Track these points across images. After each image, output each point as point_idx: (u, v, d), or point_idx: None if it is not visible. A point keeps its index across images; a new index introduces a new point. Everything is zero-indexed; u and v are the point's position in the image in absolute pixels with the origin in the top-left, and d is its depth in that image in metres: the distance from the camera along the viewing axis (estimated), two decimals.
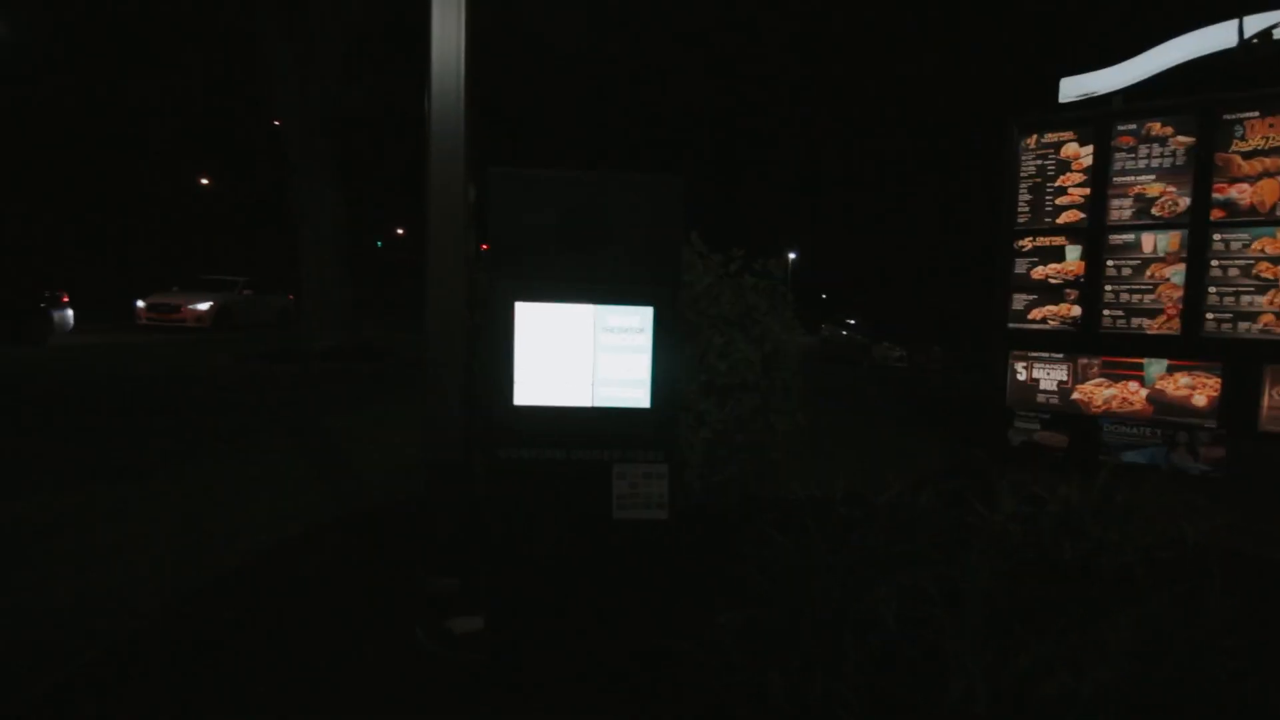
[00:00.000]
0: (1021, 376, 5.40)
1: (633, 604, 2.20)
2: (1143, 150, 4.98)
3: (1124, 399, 4.97)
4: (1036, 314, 5.37)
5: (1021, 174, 5.47)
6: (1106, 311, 5.09)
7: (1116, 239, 5.05)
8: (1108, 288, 5.08)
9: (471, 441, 2.77)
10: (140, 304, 17.51)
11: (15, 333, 12.43)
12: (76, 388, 7.99)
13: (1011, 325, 5.48)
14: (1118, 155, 5.06)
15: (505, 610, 2.25)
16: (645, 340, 2.10)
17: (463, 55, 2.91)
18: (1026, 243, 5.44)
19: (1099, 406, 5.06)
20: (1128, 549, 3.05)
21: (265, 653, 2.41)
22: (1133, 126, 5.02)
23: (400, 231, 45.33)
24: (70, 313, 13.93)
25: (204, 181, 33.52)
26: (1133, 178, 5.00)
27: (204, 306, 17.40)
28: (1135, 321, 4.97)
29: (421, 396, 2.82)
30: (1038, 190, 5.40)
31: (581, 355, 2.10)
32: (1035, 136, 5.43)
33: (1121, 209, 5.05)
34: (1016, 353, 5.42)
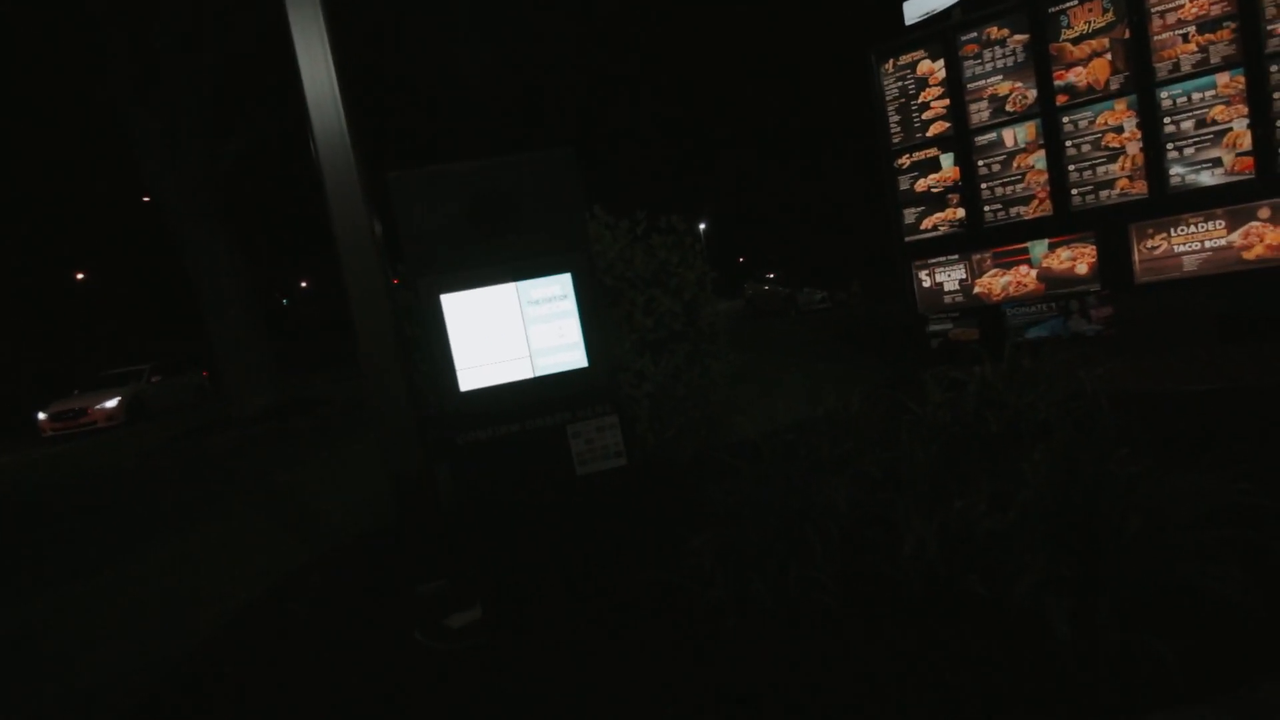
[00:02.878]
0: (927, 283, 5.79)
1: (611, 549, 2.35)
2: (987, 54, 5.39)
3: (1019, 282, 5.41)
4: (927, 223, 5.75)
5: (887, 97, 5.83)
6: (986, 208, 5.51)
7: (981, 140, 5.46)
8: (983, 186, 5.50)
9: (430, 443, 2.85)
10: (41, 416, 16.40)
11: None
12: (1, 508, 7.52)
13: (908, 239, 5.86)
14: (966, 63, 5.47)
15: (495, 590, 2.36)
16: (570, 305, 2.23)
17: (337, 89, 2.94)
18: (905, 160, 5.81)
19: (999, 294, 5.49)
20: (1041, 408, 3.39)
21: (280, 675, 2.45)
22: (974, 34, 5.43)
23: (304, 285, 43.73)
24: None
25: (79, 276, 31.48)
26: (983, 81, 5.41)
27: (112, 403, 16.41)
28: (1013, 211, 5.40)
29: (365, 438, 2.87)
30: (904, 110, 5.77)
31: (514, 332, 2.22)
32: (892, 61, 5.79)
33: (980, 111, 5.46)
34: (917, 262, 5.80)
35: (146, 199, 17.06)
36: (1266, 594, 1.92)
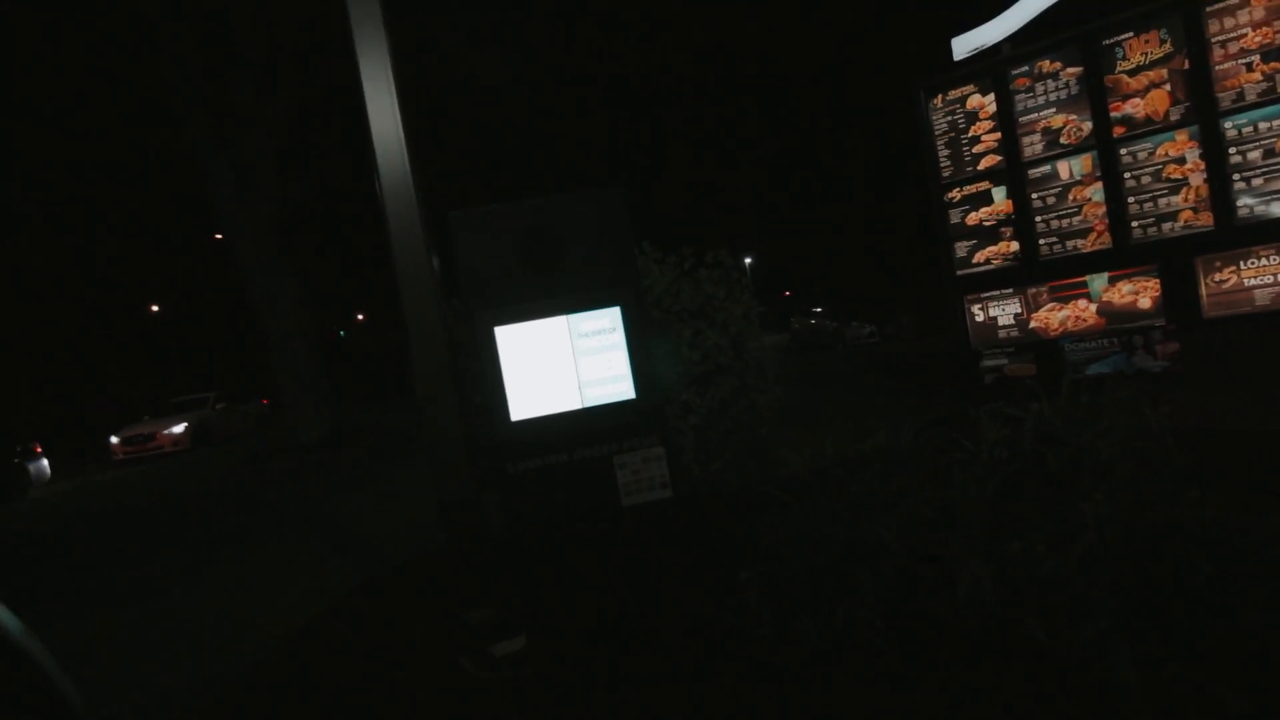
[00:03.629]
0: (980, 318, 5.67)
1: (656, 582, 2.35)
2: (1039, 88, 5.35)
3: (1077, 317, 5.26)
4: (980, 257, 5.67)
5: (936, 131, 5.81)
6: (1042, 241, 5.40)
7: (1035, 172, 5.38)
8: (1038, 219, 5.40)
9: (479, 471, 2.91)
10: (114, 440, 17.28)
11: None
12: (69, 526, 7.92)
13: (960, 272, 5.77)
14: (1018, 96, 5.43)
15: (540, 620, 2.38)
16: (619, 338, 2.28)
17: (402, 134, 3.11)
18: (955, 194, 5.76)
19: (1056, 329, 5.34)
20: (1103, 446, 3.26)
21: (327, 697, 2.50)
22: (1025, 68, 5.39)
23: (360, 317, 45.26)
24: (45, 463, 13.76)
25: (154, 309, 33.37)
26: (1036, 114, 5.36)
27: (179, 429, 17.21)
28: (1070, 244, 5.28)
29: (416, 465, 2.95)
30: (954, 144, 5.74)
31: (564, 363, 2.28)
32: (941, 96, 5.79)
33: (1033, 144, 5.39)
34: (970, 296, 5.70)
35: (219, 236, 18.07)
36: None
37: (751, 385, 3.38)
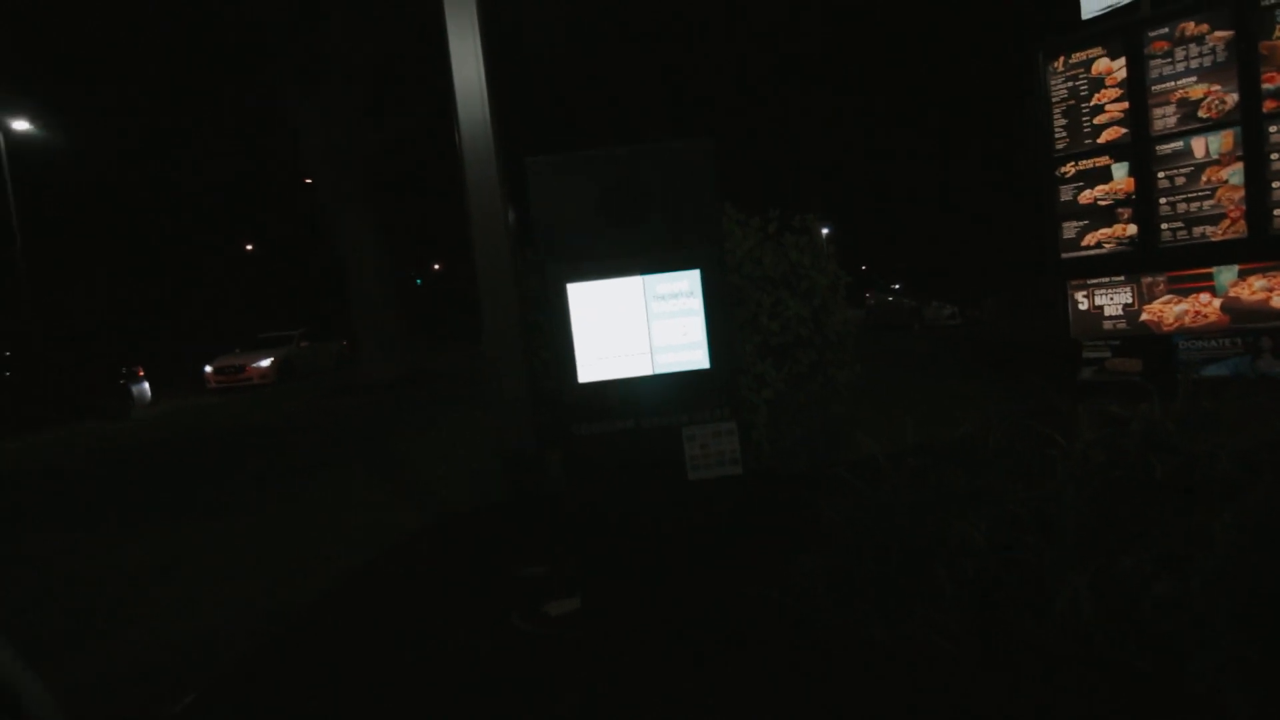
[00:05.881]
0: (1084, 306, 5.23)
1: (716, 558, 2.25)
2: (1179, 53, 4.78)
3: (1197, 312, 4.77)
4: (1090, 239, 5.20)
5: (1054, 98, 5.31)
6: (1164, 225, 4.90)
7: (1164, 149, 4.86)
8: (1162, 200, 4.89)
9: (543, 428, 2.87)
10: (208, 369, 18.45)
11: (101, 410, 13.29)
12: (171, 446, 8.48)
13: (1065, 255, 5.32)
14: (1153, 62, 4.87)
15: (596, 584, 2.32)
16: (696, 303, 2.14)
17: (484, 83, 3.02)
18: (1069, 168, 5.27)
19: (1171, 324, 4.87)
20: (1222, 458, 2.93)
21: (387, 649, 2.54)
22: (1165, 30, 4.83)
23: (437, 266, 46.42)
24: (147, 386, 14.79)
25: (249, 248, 35.15)
26: (1173, 83, 4.81)
27: (266, 363, 18.21)
28: (1197, 230, 4.77)
29: (477, 410, 2.91)
30: (1073, 112, 5.24)
31: (636, 326, 2.16)
32: (1063, 58, 5.27)
33: (1165, 117, 4.85)
34: (1074, 282, 5.26)
35: (308, 180, 18.77)
36: None
37: (830, 361, 3.19)
